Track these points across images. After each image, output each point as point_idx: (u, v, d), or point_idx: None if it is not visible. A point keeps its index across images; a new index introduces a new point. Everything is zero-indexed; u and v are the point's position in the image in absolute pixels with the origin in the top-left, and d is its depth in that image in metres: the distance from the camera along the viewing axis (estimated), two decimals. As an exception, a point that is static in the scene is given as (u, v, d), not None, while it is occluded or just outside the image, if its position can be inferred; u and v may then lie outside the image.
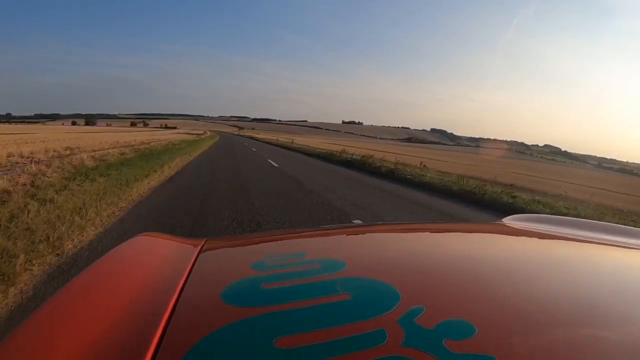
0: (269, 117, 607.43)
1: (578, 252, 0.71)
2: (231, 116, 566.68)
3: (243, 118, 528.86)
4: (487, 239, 0.79)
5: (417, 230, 0.89)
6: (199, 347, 0.31)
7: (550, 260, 0.63)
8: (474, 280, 0.49)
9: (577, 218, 0.98)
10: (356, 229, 1.05)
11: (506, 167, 36.99)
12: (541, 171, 40.99)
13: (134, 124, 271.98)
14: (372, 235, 0.83)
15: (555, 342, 0.34)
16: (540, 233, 0.80)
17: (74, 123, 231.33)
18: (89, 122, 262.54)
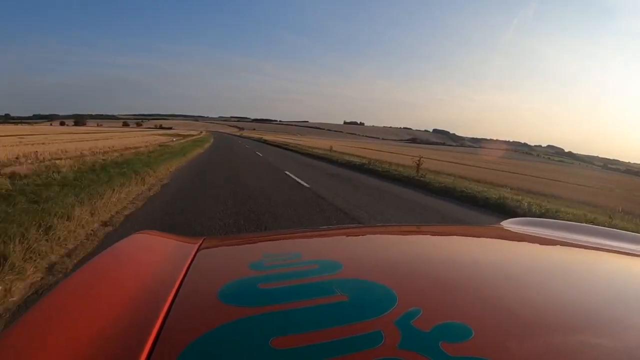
0: (269, 118, 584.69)
1: (575, 256, 0.70)
2: (231, 116, 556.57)
3: (243, 118, 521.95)
4: (484, 242, 0.79)
5: (414, 232, 0.91)
6: (195, 345, 0.31)
7: (547, 265, 0.62)
8: (471, 283, 0.49)
9: (576, 222, 0.97)
10: (354, 230, 1.05)
11: (531, 172, 33.89)
12: (569, 175, 37.55)
13: (126, 124, 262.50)
14: (369, 237, 0.83)
15: (551, 345, 0.34)
16: (538, 237, 0.80)
17: (62, 123, 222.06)
18: (78, 122, 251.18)
